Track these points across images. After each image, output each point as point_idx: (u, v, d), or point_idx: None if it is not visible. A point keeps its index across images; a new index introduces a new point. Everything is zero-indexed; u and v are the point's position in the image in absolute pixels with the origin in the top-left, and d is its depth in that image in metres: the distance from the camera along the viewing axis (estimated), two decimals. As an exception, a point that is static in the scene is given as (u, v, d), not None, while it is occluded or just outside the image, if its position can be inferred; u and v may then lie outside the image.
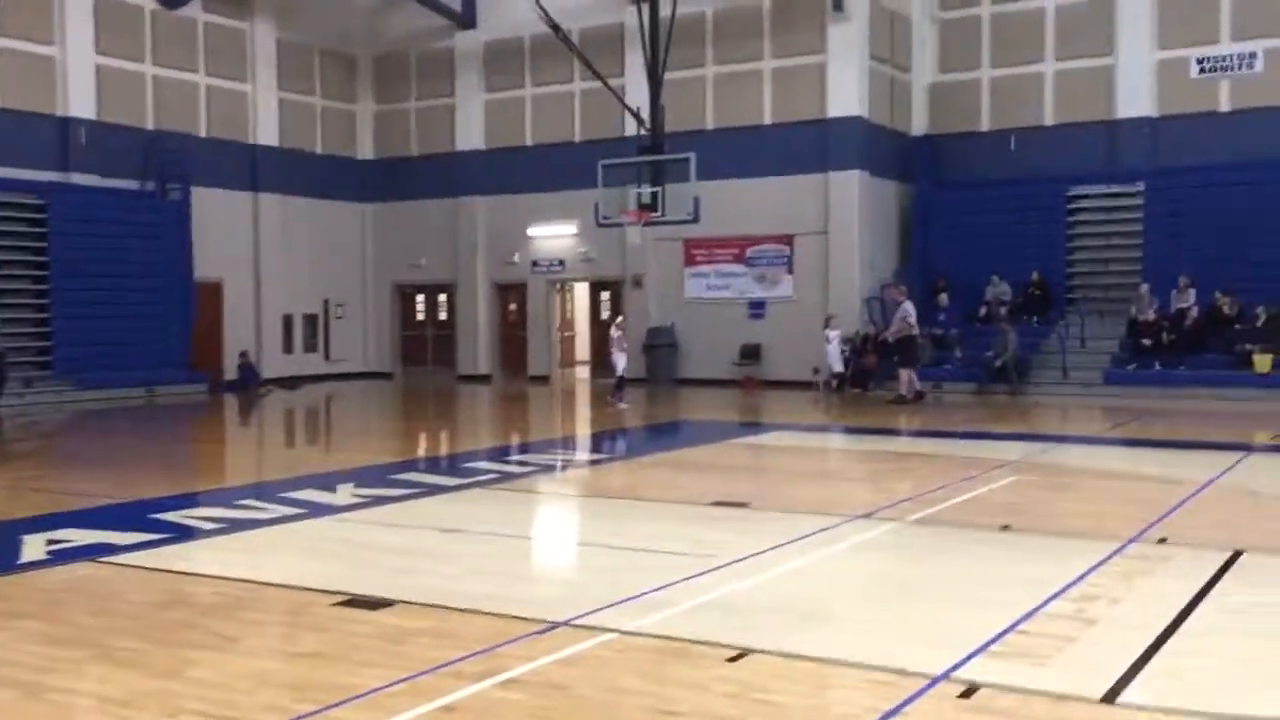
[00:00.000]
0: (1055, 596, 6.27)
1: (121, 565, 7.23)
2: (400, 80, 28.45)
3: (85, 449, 15.68)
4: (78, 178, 22.43)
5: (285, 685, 4.88)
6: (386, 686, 4.81)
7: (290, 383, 25.36)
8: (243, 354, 24.78)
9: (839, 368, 21.64)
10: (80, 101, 22.63)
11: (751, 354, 24.12)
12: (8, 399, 19.44)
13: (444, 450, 14.92)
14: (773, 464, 13.11)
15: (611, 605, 6.16)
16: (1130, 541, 7.69)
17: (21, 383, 20.29)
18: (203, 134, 25.07)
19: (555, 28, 22.88)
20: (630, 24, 23.72)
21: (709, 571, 6.97)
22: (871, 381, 21.67)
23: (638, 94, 23.15)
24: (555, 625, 5.78)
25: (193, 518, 8.85)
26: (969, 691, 4.73)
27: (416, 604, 6.19)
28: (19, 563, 7.29)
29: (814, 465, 12.61)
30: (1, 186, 21.03)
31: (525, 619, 5.89)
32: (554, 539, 8.14)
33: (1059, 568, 6.94)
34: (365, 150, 28.96)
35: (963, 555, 7.60)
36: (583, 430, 17.85)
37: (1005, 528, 8.42)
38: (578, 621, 5.84)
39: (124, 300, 22.15)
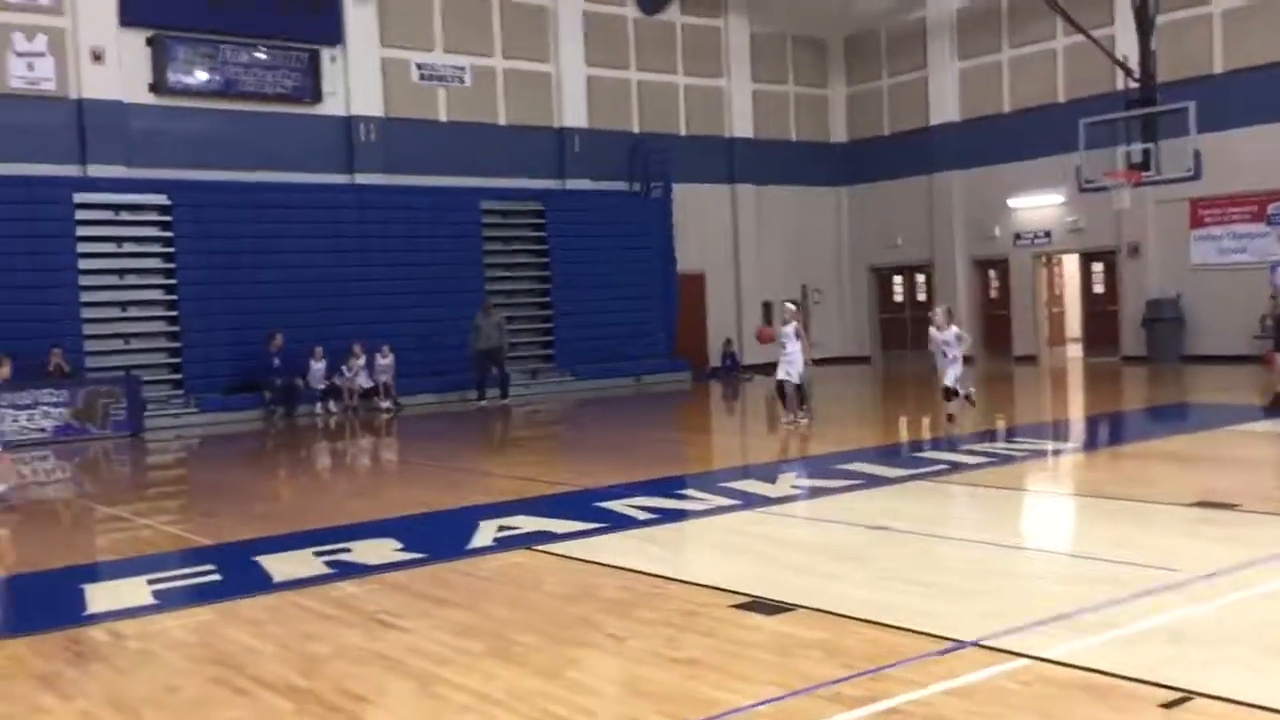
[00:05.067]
0: None
1: (552, 554, 7.49)
2: (871, 59, 27.95)
3: (568, 437, 16.85)
4: (571, 183, 24.27)
5: (652, 694, 4.70)
6: (753, 706, 4.48)
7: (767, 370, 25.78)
8: (726, 341, 25.58)
9: None
10: (573, 112, 24.44)
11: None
12: (515, 389, 21.45)
13: (899, 438, 14.32)
14: (1285, 456, 11.20)
15: (1035, 625, 5.40)
16: None
17: (528, 374, 22.31)
18: (682, 132, 26.15)
19: (1031, -18, 21.32)
20: (1119, -34, 21.52)
21: (1168, 589, 5.94)
22: None
23: (1128, 44, 21.00)
24: (960, 645, 5.15)
25: (632, 507, 9.04)
26: None
27: (817, 610, 5.80)
28: (467, 548, 7.79)
29: (1340, 458, 10.59)
30: (509, 195, 23.24)
31: (929, 635, 5.30)
32: (989, 541, 7.37)
33: None
34: (839, 134, 28.78)
35: None
36: (1061, 415, 16.42)
37: None
38: (988, 642, 5.16)
39: (614, 295, 23.63)
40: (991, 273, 26.33)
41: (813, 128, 28.46)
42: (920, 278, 27.69)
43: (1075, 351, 25.86)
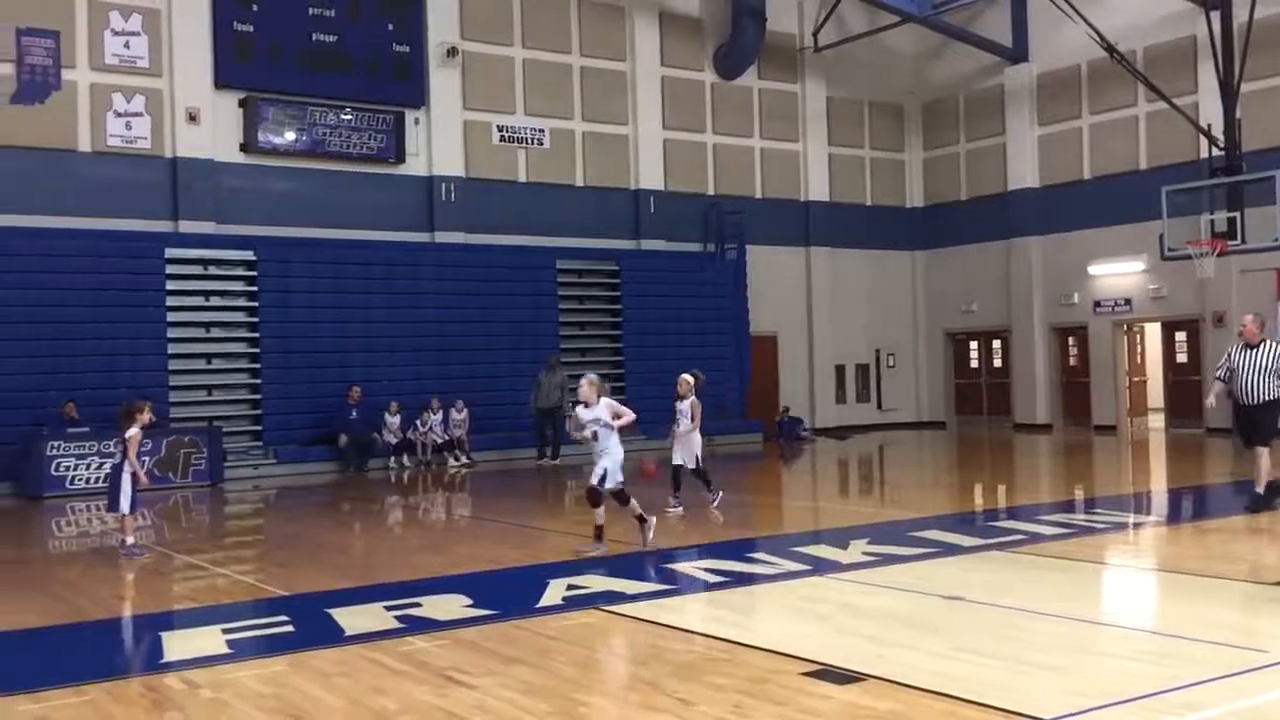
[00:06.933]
0: None
1: (621, 615, 7.47)
2: (949, 124, 27.94)
3: (638, 496, 16.78)
4: (647, 244, 24.48)
5: (720, 762, 4.66)
6: (821, 776, 4.42)
7: (839, 433, 25.59)
8: (784, 410, 25.39)
9: None
10: (650, 174, 24.72)
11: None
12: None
13: (974, 506, 14.07)
14: (1378, 535, 10.81)
15: (1114, 704, 5.25)
16: None
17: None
18: (758, 195, 26.29)
19: (1112, 50, 21.26)
20: (1202, 35, 21.34)
21: (1253, 670, 5.76)
22: None
23: (1212, 111, 20.78)
24: (1037, 723, 5.03)
25: (703, 569, 9.02)
26: None
27: (888, 681, 5.71)
28: (536, 606, 7.80)
29: None
30: (585, 255, 23.50)
31: (1004, 710, 5.18)
32: (1067, 615, 7.20)
33: None
34: (915, 198, 28.72)
35: None
36: (1140, 487, 16.04)
37: None
38: (1067, 720, 5.04)
39: (687, 355, 23.54)
40: (1071, 340, 25.95)
41: (889, 192, 28.46)
42: (996, 343, 27.39)
43: (1157, 422, 25.31)
